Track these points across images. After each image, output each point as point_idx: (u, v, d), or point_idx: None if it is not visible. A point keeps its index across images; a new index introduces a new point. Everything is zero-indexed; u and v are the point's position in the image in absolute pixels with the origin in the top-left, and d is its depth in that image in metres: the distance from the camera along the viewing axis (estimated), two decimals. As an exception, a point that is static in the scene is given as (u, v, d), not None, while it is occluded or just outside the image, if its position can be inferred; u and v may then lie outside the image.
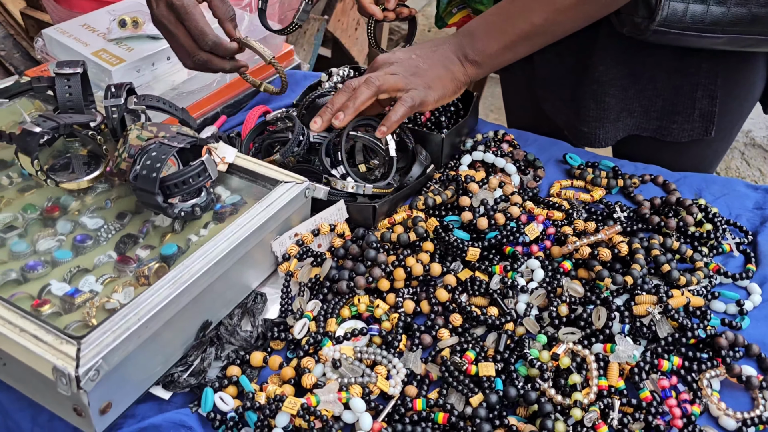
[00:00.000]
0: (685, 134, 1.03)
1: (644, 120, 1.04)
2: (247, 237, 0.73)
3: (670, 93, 1.00)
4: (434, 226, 0.83)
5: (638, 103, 1.03)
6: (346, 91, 0.87)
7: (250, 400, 0.66)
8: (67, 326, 0.65)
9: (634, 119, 1.05)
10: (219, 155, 0.83)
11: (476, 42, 0.89)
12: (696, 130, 1.02)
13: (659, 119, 1.03)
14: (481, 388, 0.68)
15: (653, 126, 1.04)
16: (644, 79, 1.00)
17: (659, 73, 0.99)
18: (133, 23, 1.05)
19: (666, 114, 1.02)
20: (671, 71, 0.98)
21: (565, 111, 1.09)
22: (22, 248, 0.74)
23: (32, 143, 0.75)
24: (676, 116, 1.02)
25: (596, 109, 1.03)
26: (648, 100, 1.02)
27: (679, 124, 1.02)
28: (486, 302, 0.79)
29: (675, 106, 1.01)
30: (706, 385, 0.70)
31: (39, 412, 0.68)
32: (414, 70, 0.87)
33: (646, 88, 1.01)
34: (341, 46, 2.66)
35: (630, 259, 0.81)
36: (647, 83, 1.00)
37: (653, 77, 0.99)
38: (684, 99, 1.00)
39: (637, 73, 1.00)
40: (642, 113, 1.03)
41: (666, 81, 0.99)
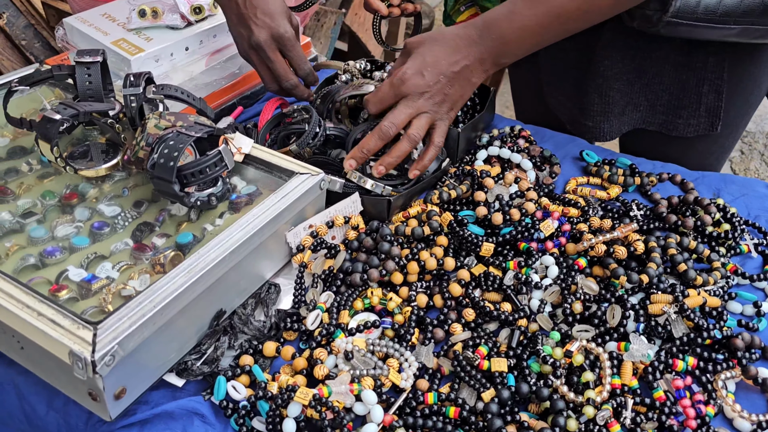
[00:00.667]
0: (691, 129, 1.02)
1: (650, 114, 1.03)
2: (262, 227, 0.73)
3: (676, 88, 0.99)
4: (449, 221, 0.83)
5: (644, 97, 1.02)
6: (379, 136, 0.86)
7: (262, 390, 0.67)
8: (83, 312, 0.66)
9: (639, 113, 1.04)
10: (235, 145, 0.83)
11: (509, 47, 0.86)
12: (702, 125, 1.01)
13: (665, 113, 1.02)
14: (493, 384, 0.68)
15: (659, 120, 1.03)
16: (650, 74, 0.99)
17: (666, 67, 0.98)
18: (152, 13, 1.05)
19: (672, 108, 1.01)
20: (678, 66, 0.97)
21: (568, 105, 1.09)
22: (40, 234, 0.75)
23: (52, 130, 0.76)
24: (681, 111, 1.01)
25: (600, 104, 1.02)
26: (654, 95, 1.01)
27: (684, 119, 1.01)
28: (499, 298, 0.79)
29: (681, 100, 1.00)
30: (721, 386, 0.69)
31: (54, 395, 0.69)
32: (442, 98, 0.87)
33: (652, 82, 1.00)
34: (358, 39, 2.66)
35: (646, 257, 0.80)
36: (653, 77, 0.99)
37: (659, 71, 0.99)
38: (690, 94, 0.99)
39: (643, 68, 0.99)
40: (648, 107, 1.03)
41: (672, 75, 0.98)
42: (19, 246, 0.74)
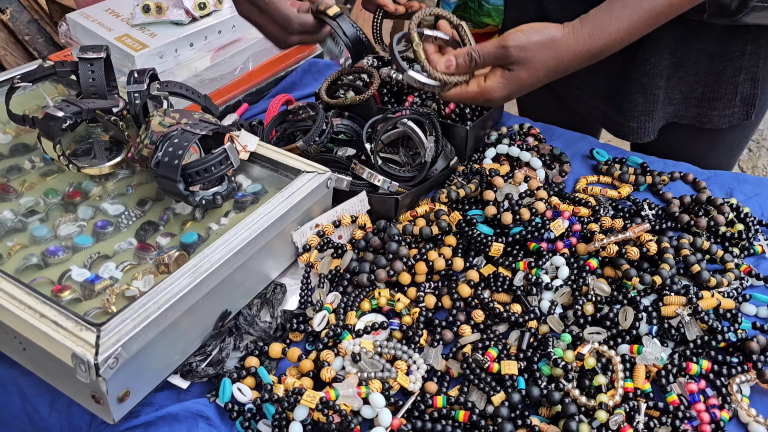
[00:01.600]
0: (725, 120, 1.00)
1: (683, 107, 1.01)
2: (268, 227, 0.72)
3: (711, 79, 0.97)
4: (457, 220, 0.82)
5: (678, 91, 1.00)
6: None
7: (268, 392, 0.65)
8: (86, 313, 0.65)
9: (673, 107, 1.01)
10: (241, 143, 0.82)
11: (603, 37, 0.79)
12: (736, 115, 0.99)
13: (698, 106, 1.00)
14: (503, 387, 0.67)
15: (692, 113, 1.01)
16: (687, 66, 0.97)
17: (702, 59, 0.96)
18: (156, 9, 1.04)
19: (706, 100, 0.99)
20: (714, 56, 0.95)
21: (603, 109, 1.06)
22: (43, 233, 0.74)
23: (55, 128, 0.75)
24: (716, 102, 0.99)
25: (644, 103, 0.99)
26: (688, 87, 0.99)
27: (719, 110, 0.99)
28: (509, 299, 0.77)
29: (716, 92, 0.98)
30: (735, 390, 0.68)
31: (57, 397, 0.68)
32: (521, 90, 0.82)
33: (687, 74, 0.98)
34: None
35: (659, 258, 0.79)
36: (689, 70, 0.97)
37: (696, 63, 0.96)
38: (726, 84, 0.97)
39: (681, 61, 0.97)
40: (681, 101, 1.01)
41: (708, 67, 0.96)
42: (21, 245, 0.73)
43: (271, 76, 1.15)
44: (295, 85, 1.16)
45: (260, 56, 1.12)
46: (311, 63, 1.20)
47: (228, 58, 1.07)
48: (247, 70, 1.10)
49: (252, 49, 1.10)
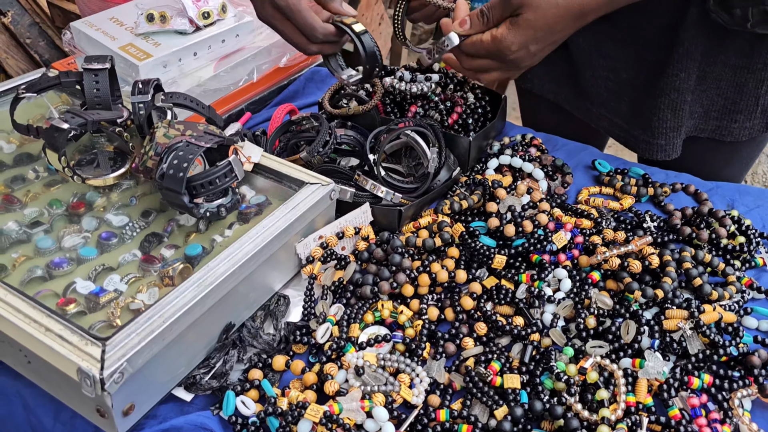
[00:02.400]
0: (746, 132, 1.00)
1: (703, 121, 1.01)
2: (272, 239, 0.72)
3: (733, 91, 0.97)
4: (460, 232, 0.82)
5: (699, 105, 0.99)
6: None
7: (272, 405, 0.66)
8: (91, 326, 0.65)
9: (693, 121, 1.01)
10: (245, 155, 0.82)
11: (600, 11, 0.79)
12: (756, 127, 0.99)
13: (718, 119, 1.00)
14: (506, 401, 0.67)
15: (711, 126, 1.01)
16: (710, 79, 0.96)
17: (726, 71, 0.95)
18: (160, 18, 1.04)
19: (726, 113, 0.99)
20: (737, 69, 0.94)
21: (626, 128, 1.05)
22: (47, 245, 0.74)
23: (60, 139, 0.75)
24: (737, 115, 0.98)
25: (673, 119, 0.99)
26: (709, 101, 0.98)
27: (740, 123, 0.99)
28: (511, 311, 0.78)
29: (737, 104, 0.98)
30: (737, 404, 0.68)
31: (61, 409, 0.68)
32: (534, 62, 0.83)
33: (709, 88, 0.97)
34: (364, 40, 2.64)
35: (660, 271, 0.79)
36: (711, 83, 0.97)
37: (719, 76, 0.96)
38: (748, 96, 0.96)
39: (705, 74, 0.96)
40: (702, 114, 1.00)
41: (731, 79, 0.96)
42: (26, 257, 0.73)
43: (274, 85, 1.15)
44: (297, 93, 1.16)
45: (264, 66, 1.12)
46: (314, 71, 1.21)
47: (231, 67, 1.08)
48: (251, 80, 1.10)
49: (256, 60, 1.10)
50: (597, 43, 1.01)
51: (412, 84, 1.00)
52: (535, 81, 1.14)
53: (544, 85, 1.13)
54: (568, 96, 1.11)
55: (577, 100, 1.10)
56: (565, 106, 1.12)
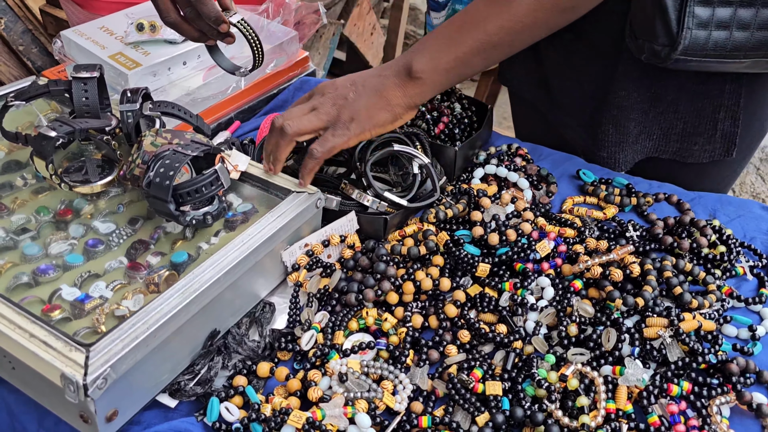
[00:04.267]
0: (706, 155, 1.01)
1: (663, 143, 1.03)
2: (258, 247, 0.73)
3: (691, 116, 0.99)
4: (445, 240, 0.83)
5: (658, 126, 1.01)
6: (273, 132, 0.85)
7: (255, 412, 0.66)
8: (76, 332, 0.65)
9: (653, 142, 1.03)
10: (232, 163, 0.83)
11: (424, 56, 0.83)
12: (717, 151, 1.01)
13: (679, 141, 1.02)
14: (488, 407, 0.68)
15: (673, 148, 1.03)
16: (665, 102, 0.99)
17: (681, 95, 0.97)
18: (150, 27, 1.05)
19: (686, 136, 1.01)
20: (693, 94, 0.97)
21: (583, 136, 1.08)
22: (34, 251, 0.74)
23: (48, 147, 0.75)
24: (697, 138, 1.00)
25: (616, 134, 1.02)
26: (668, 123, 1.01)
27: (700, 146, 1.01)
28: (495, 319, 0.78)
29: (696, 128, 1.00)
30: (715, 411, 0.69)
31: (45, 415, 0.69)
32: (341, 102, 0.83)
33: (666, 111, 0.99)
34: (356, 49, 2.66)
35: (642, 280, 0.80)
36: (668, 106, 0.99)
37: (675, 100, 0.98)
38: (706, 121, 0.98)
39: (658, 97, 0.98)
40: (661, 136, 1.02)
41: (688, 104, 0.98)
42: (12, 263, 0.73)
43: (263, 94, 1.16)
44: (287, 102, 1.17)
45: (252, 75, 1.13)
46: (303, 81, 1.22)
47: (221, 76, 1.08)
48: (239, 88, 1.11)
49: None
50: (567, 54, 1.04)
51: (399, 94, 1.01)
52: (515, 81, 1.18)
53: (523, 86, 1.16)
54: (544, 101, 1.14)
55: (551, 106, 1.13)
56: (542, 109, 1.15)
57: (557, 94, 1.09)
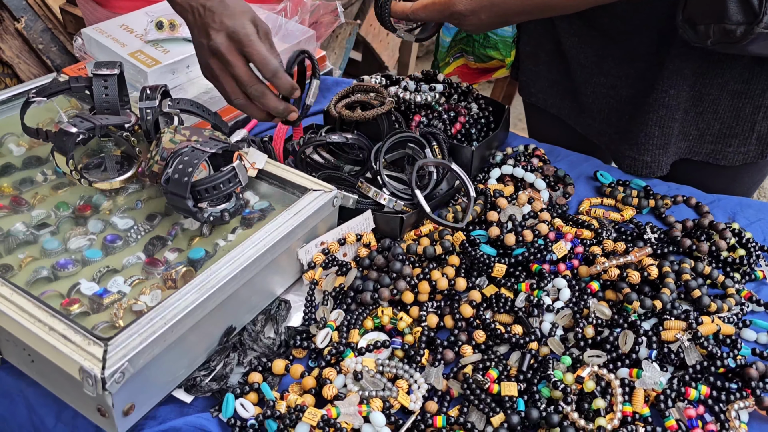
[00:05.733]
0: (740, 158, 1.00)
1: (697, 144, 1.01)
2: (275, 244, 0.73)
3: (729, 116, 0.97)
4: (461, 240, 0.83)
5: (695, 127, 0.99)
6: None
7: (270, 408, 0.66)
8: (94, 326, 0.66)
9: (688, 143, 1.01)
10: (249, 161, 0.83)
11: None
12: (751, 153, 0.99)
13: (714, 142, 1.00)
14: (503, 408, 0.68)
15: (706, 150, 1.01)
16: (706, 102, 0.97)
17: (723, 95, 0.96)
18: (170, 25, 1.06)
19: (722, 137, 0.99)
20: (734, 94, 0.95)
21: (618, 142, 1.05)
22: (54, 246, 0.75)
23: (68, 143, 0.76)
24: (732, 139, 0.99)
25: (660, 136, 0.99)
26: (705, 123, 0.99)
27: (734, 148, 0.99)
28: (510, 320, 0.78)
29: (733, 129, 0.98)
30: (734, 416, 0.68)
31: (63, 408, 0.69)
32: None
33: (706, 111, 0.98)
34: (372, 50, 2.67)
35: (660, 282, 0.80)
36: (708, 106, 0.97)
37: (715, 100, 0.96)
38: (743, 122, 0.97)
39: (700, 96, 0.96)
40: (697, 137, 1.00)
41: (728, 104, 0.96)
42: (32, 258, 0.74)
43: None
44: (303, 102, 1.18)
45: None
46: (321, 80, 1.22)
47: (238, 74, 1.09)
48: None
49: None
50: (598, 60, 1.02)
51: (416, 94, 1.01)
52: (539, 96, 1.15)
53: (548, 99, 1.14)
54: (570, 112, 1.12)
55: (578, 116, 1.11)
56: (568, 121, 1.13)
57: (589, 102, 1.07)
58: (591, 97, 1.06)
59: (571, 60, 1.05)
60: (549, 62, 1.07)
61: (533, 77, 1.14)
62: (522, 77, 1.17)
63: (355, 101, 1.02)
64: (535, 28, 1.10)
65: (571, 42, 1.03)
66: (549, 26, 1.06)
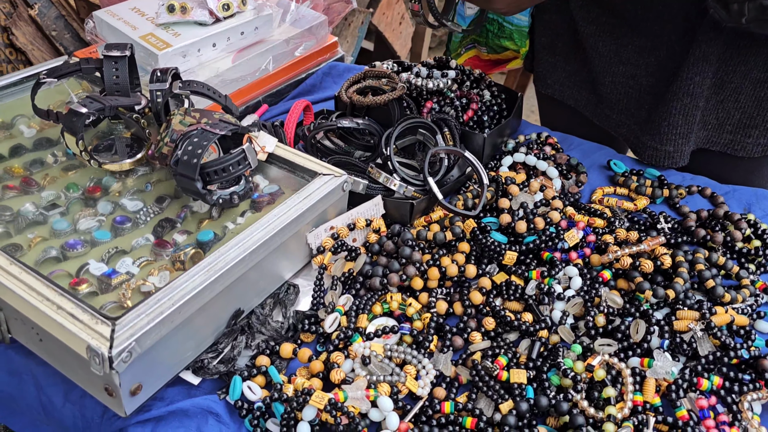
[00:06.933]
0: (759, 149, 0.97)
1: (716, 133, 0.98)
2: (283, 228, 0.73)
3: (751, 105, 0.94)
4: (471, 227, 0.82)
5: (714, 116, 0.97)
6: None
7: (278, 391, 0.66)
8: (102, 306, 0.66)
9: (707, 132, 0.99)
10: (259, 144, 0.83)
11: None
12: None
13: (733, 132, 0.97)
14: (512, 395, 0.67)
15: (724, 140, 0.99)
16: (727, 90, 0.94)
17: (745, 83, 0.93)
18: (181, 9, 1.05)
19: (742, 127, 0.97)
20: (757, 83, 0.92)
21: (638, 132, 1.03)
22: (63, 226, 0.75)
23: (78, 124, 0.76)
24: (752, 130, 0.96)
25: (684, 125, 0.96)
26: (725, 113, 0.96)
27: (754, 138, 0.97)
28: (520, 307, 0.77)
29: (753, 119, 0.95)
30: (746, 407, 0.67)
31: (71, 388, 0.70)
32: None
33: (727, 99, 0.95)
34: (384, 39, 2.65)
35: (673, 272, 0.79)
36: (729, 94, 0.95)
37: (737, 88, 0.94)
38: (765, 112, 0.94)
39: (722, 84, 0.94)
40: (716, 126, 0.98)
41: (750, 92, 0.94)
42: (41, 238, 0.74)
43: (291, 78, 1.16)
44: (315, 87, 1.17)
45: (281, 58, 1.13)
46: (331, 66, 1.21)
47: (249, 59, 1.08)
48: (268, 71, 1.11)
49: (273, 51, 1.11)
50: (617, 49, 1.00)
51: (428, 80, 1.00)
52: (556, 87, 1.13)
53: (565, 91, 1.12)
54: (588, 103, 1.10)
55: (596, 107, 1.09)
56: (585, 112, 1.11)
57: (608, 93, 1.04)
58: (609, 87, 1.03)
59: (589, 49, 1.03)
60: (566, 53, 1.04)
61: (550, 68, 1.12)
62: (538, 69, 1.15)
63: (367, 87, 1.02)
64: (551, 18, 1.08)
65: (590, 30, 1.01)
66: (566, 15, 1.04)
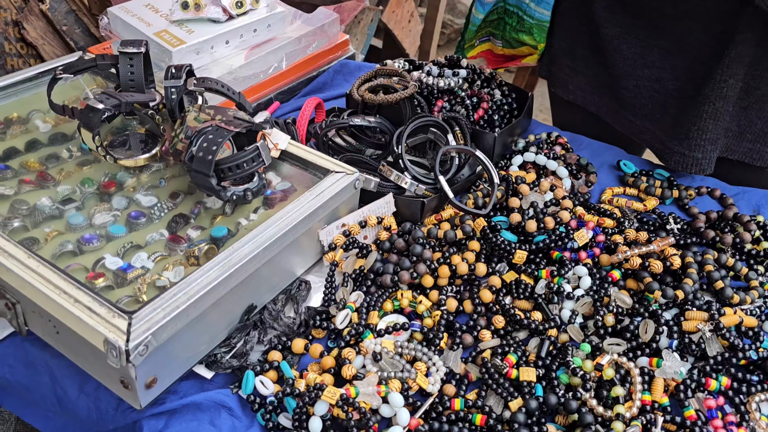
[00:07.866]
0: None
1: (736, 141, 0.96)
2: (296, 225, 0.74)
3: None
4: (482, 226, 0.83)
5: (736, 123, 0.94)
6: None
7: (290, 386, 0.67)
8: (118, 300, 0.67)
9: (726, 140, 0.96)
10: (272, 141, 0.83)
11: None
12: None
13: (753, 141, 0.95)
14: (521, 393, 0.68)
15: (744, 149, 0.96)
16: (753, 97, 0.92)
17: None
18: (195, 5, 1.06)
19: (762, 136, 0.94)
20: None
21: (663, 138, 1.00)
22: (79, 221, 0.76)
23: (95, 119, 0.77)
24: None
25: (713, 130, 0.93)
26: (747, 120, 0.94)
27: None
28: (530, 306, 0.78)
29: None
30: (754, 408, 0.68)
31: (86, 380, 0.70)
32: None
33: (751, 106, 0.92)
34: (394, 37, 2.65)
35: (682, 273, 0.79)
36: (754, 101, 0.92)
37: (764, 96, 0.91)
38: None
39: (748, 89, 0.91)
40: (737, 134, 0.95)
41: None
42: (57, 232, 0.75)
43: (303, 76, 1.16)
44: (326, 85, 1.18)
45: (293, 56, 1.14)
46: (343, 64, 1.22)
47: (262, 56, 1.09)
48: (281, 69, 1.11)
49: (286, 48, 1.12)
50: (642, 51, 0.97)
51: (439, 79, 1.01)
52: (577, 93, 1.10)
53: (586, 96, 1.09)
54: (609, 109, 1.07)
55: (617, 113, 1.05)
56: (606, 118, 1.08)
57: (631, 98, 1.01)
58: (633, 92, 1.00)
59: (611, 52, 1.00)
60: (587, 57, 1.01)
61: (571, 74, 1.09)
62: (558, 74, 1.12)
63: (378, 85, 1.02)
64: (571, 22, 1.06)
65: (613, 33, 0.98)
66: (586, 18, 1.02)
